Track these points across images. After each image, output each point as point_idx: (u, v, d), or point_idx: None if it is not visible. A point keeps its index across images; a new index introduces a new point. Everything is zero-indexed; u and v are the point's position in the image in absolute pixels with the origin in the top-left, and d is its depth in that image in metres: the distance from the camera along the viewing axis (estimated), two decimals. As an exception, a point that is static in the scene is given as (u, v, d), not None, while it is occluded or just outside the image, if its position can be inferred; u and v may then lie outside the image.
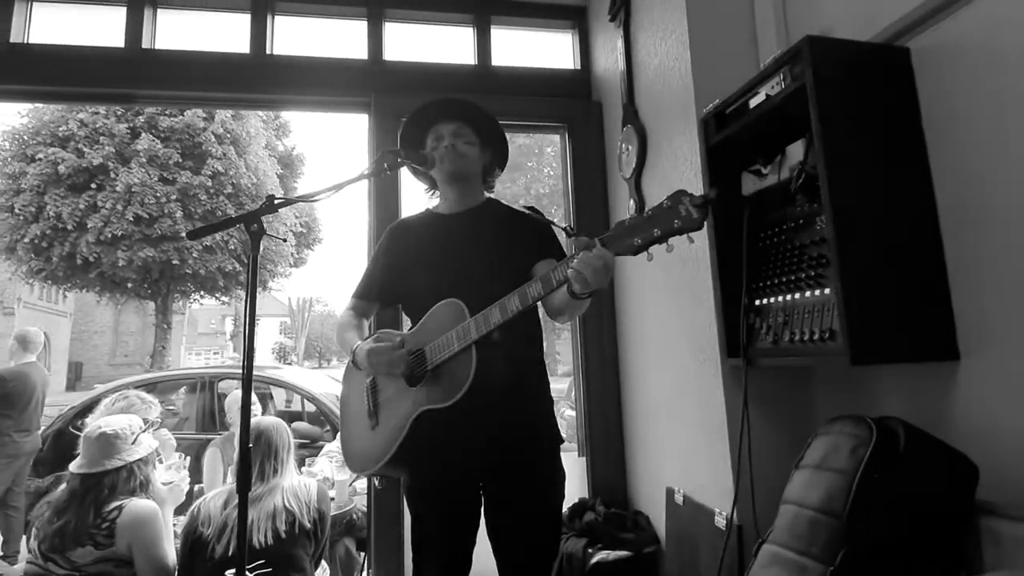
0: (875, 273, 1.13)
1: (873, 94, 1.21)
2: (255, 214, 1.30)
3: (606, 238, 1.10)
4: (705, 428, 1.62)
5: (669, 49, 1.80)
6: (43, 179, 12.67)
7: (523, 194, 16.86)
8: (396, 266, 1.50)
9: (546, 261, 1.43)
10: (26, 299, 19.40)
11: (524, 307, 1.18)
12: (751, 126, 1.39)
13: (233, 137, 13.86)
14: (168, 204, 12.82)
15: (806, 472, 1.14)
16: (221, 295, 15.51)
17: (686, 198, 1.01)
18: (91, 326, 24.42)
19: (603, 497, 2.18)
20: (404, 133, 1.53)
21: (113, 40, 2.33)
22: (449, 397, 1.21)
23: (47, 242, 12.95)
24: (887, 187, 1.17)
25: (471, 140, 1.48)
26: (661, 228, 1.02)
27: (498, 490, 1.37)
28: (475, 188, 1.53)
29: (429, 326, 1.34)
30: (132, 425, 1.88)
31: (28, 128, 13.07)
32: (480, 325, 1.22)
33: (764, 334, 1.38)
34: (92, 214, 12.72)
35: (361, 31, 2.49)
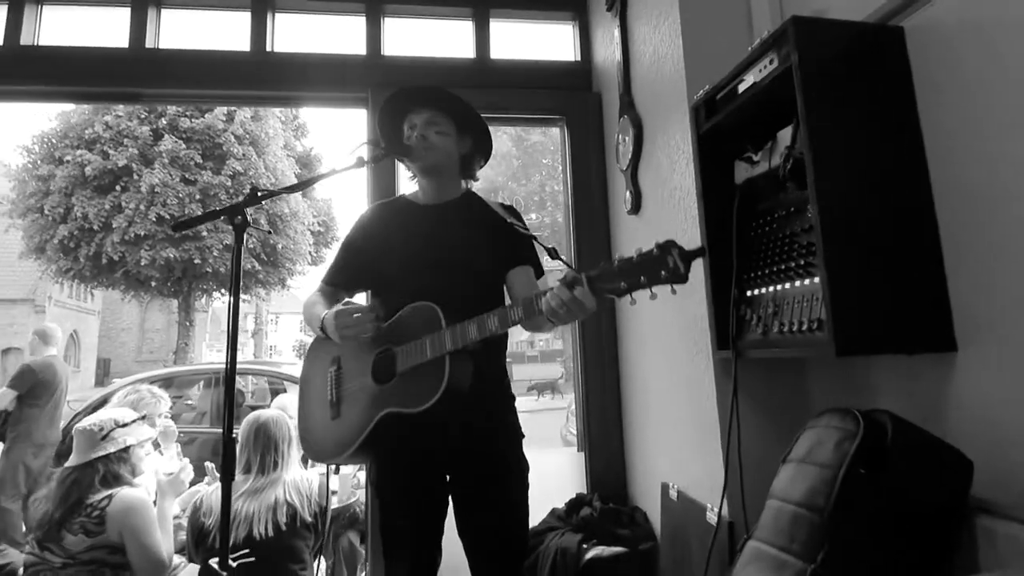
0: (863, 260, 1.09)
1: (863, 76, 1.16)
2: (238, 206, 1.30)
3: (593, 276, 1.09)
4: (698, 422, 1.59)
5: (662, 37, 1.77)
6: (71, 181, 13.05)
7: (538, 191, 16.82)
8: (367, 254, 1.48)
9: (522, 269, 1.43)
10: (56, 297, 20.01)
11: (503, 328, 1.20)
12: (741, 112, 1.36)
13: (252, 138, 14.09)
14: (190, 204, 13.10)
15: (791, 466, 1.10)
16: (241, 293, 15.78)
17: (675, 250, 1.01)
18: (118, 323, 25.10)
19: (601, 492, 2.15)
20: (381, 123, 1.51)
21: (118, 40, 2.37)
22: (418, 404, 1.21)
23: (75, 242, 13.33)
24: (878, 171, 1.13)
25: (444, 130, 1.44)
26: (647, 276, 1.03)
27: (463, 483, 1.38)
28: (452, 180, 1.50)
29: (401, 327, 1.33)
30: (118, 418, 1.92)
31: (56, 132, 13.47)
32: (456, 338, 1.21)
33: (754, 325, 1.35)
34: (117, 214, 13.06)
35: (360, 26, 2.49)
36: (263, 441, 2.03)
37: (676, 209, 1.71)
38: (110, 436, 1.88)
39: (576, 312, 1.10)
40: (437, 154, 1.43)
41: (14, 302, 19.19)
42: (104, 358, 24.34)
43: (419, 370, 1.26)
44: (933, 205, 1.14)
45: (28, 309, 19.31)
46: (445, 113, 1.46)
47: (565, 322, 1.14)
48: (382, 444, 1.33)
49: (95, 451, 1.83)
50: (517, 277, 1.45)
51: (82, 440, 1.85)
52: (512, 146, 18.62)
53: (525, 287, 1.43)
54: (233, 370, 1.24)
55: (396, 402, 1.27)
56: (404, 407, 1.25)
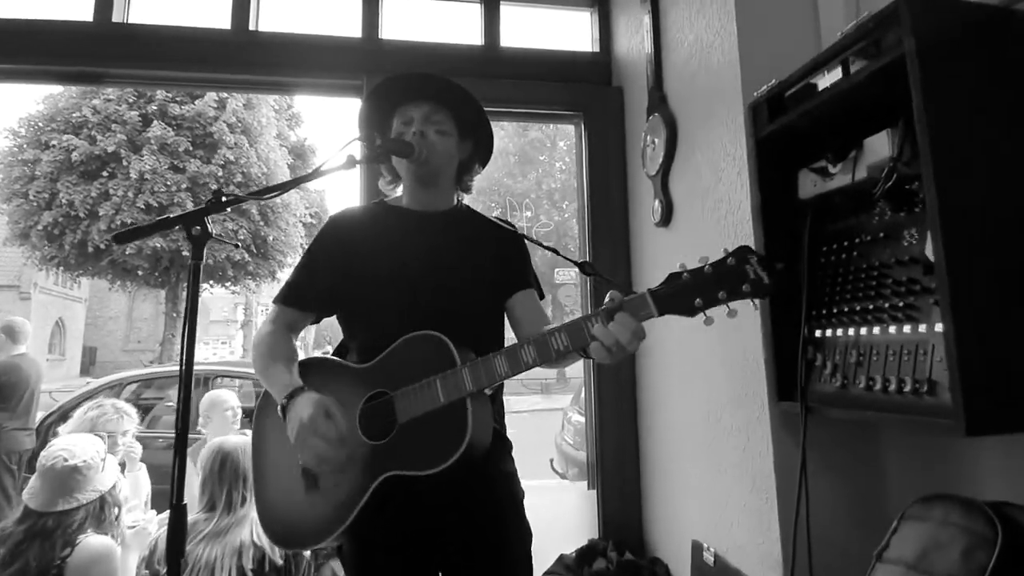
0: (1000, 309, 0.84)
1: (990, 70, 0.92)
2: (198, 214, 1.04)
3: (659, 293, 0.87)
4: (746, 479, 1.35)
5: (709, 22, 1.52)
6: (56, 166, 12.67)
7: (534, 189, 16.54)
8: (341, 269, 1.17)
9: (525, 293, 1.19)
10: (42, 284, 19.53)
11: (541, 363, 0.95)
12: (818, 112, 1.11)
13: (244, 126, 13.73)
14: (178, 193, 12.74)
15: (896, 570, 0.86)
16: (231, 284, 15.45)
17: (753, 257, 0.84)
18: (105, 312, 24.62)
19: (615, 538, 1.92)
20: (367, 114, 1.24)
21: (81, 13, 2.10)
22: (433, 464, 0.95)
23: (59, 229, 12.95)
24: (1015, 190, 0.88)
25: (446, 129, 1.18)
26: (727, 290, 0.84)
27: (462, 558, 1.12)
28: (447, 189, 1.24)
29: (396, 364, 1.06)
30: (99, 450, 1.65)
31: (43, 115, 13.06)
32: (480, 376, 0.96)
33: (828, 375, 1.11)
34: (104, 202, 12.69)
35: (356, 6, 2.23)
36: (229, 474, 1.76)
37: (720, 225, 1.46)
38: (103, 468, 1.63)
39: (630, 339, 0.87)
40: (438, 157, 1.16)
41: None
42: (90, 347, 23.86)
43: (429, 420, 1.00)
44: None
45: (13, 296, 18.85)
46: (447, 108, 1.19)
47: (612, 360, 0.90)
48: (372, 518, 1.05)
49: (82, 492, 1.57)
50: (522, 303, 1.20)
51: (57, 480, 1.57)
52: (508, 141, 18.35)
53: (530, 314, 1.20)
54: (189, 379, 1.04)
55: (400, 463, 1.00)
56: (414, 469, 0.98)
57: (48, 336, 20.34)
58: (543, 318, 1.20)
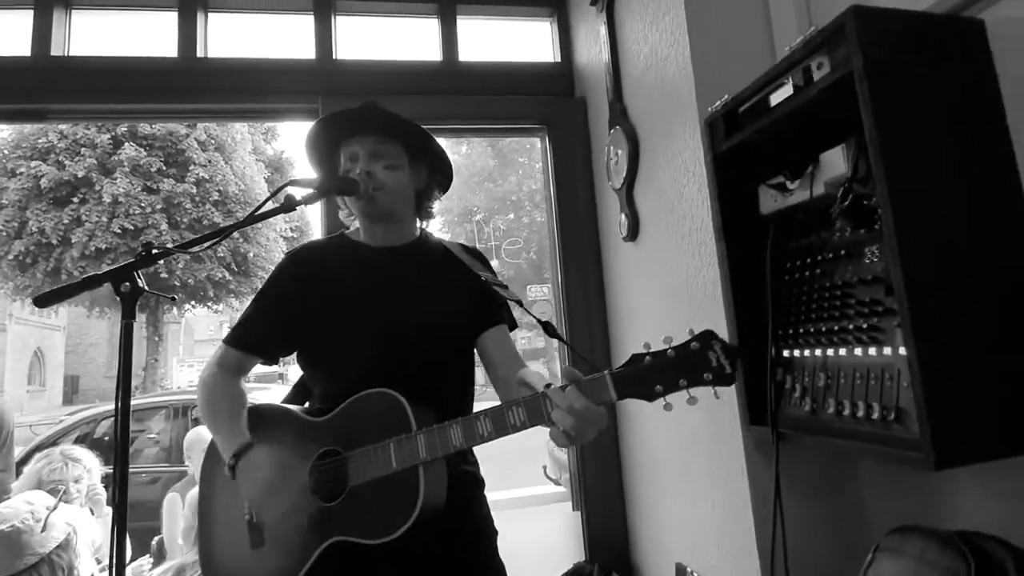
0: (963, 331, 0.81)
1: (941, 83, 0.89)
2: (127, 269, 0.98)
3: (619, 376, 0.84)
4: (724, 503, 1.31)
5: (662, 35, 1.48)
6: (24, 194, 12.41)
7: (515, 191, 16.52)
8: (294, 308, 1.11)
9: (498, 329, 1.15)
10: (17, 315, 19.07)
11: (497, 437, 0.91)
12: (773, 129, 1.07)
13: (218, 143, 13.55)
14: (153, 215, 12.52)
15: (872, 609, 0.83)
16: (212, 304, 15.21)
17: (717, 344, 0.81)
18: (86, 339, 24.13)
19: (601, 560, 1.87)
20: (310, 151, 1.18)
21: (19, 48, 2.01)
22: (382, 533, 0.91)
23: (31, 258, 12.68)
24: (972, 208, 0.86)
25: (395, 162, 1.13)
26: (688, 378, 0.82)
27: None
28: (406, 221, 1.19)
29: (350, 421, 1.01)
30: (35, 509, 1.57)
31: (8, 141, 12.77)
32: (435, 446, 0.92)
33: (797, 398, 1.07)
34: (76, 228, 12.44)
35: (308, 26, 2.16)
36: None
37: (684, 242, 1.42)
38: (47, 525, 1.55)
39: (588, 427, 0.84)
40: (388, 195, 1.11)
41: (-29, 321, 18.25)
42: (72, 375, 23.37)
43: (380, 485, 0.96)
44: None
45: (-13, 328, 18.38)
46: (393, 139, 1.14)
47: (571, 444, 0.86)
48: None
49: (31, 552, 1.49)
50: (494, 339, 1.16)
51: (7, 545, 1.49)
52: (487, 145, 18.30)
53: (502, 353, 1.15)
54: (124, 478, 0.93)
55: (349, 528, 0.96)
56: (360, 536, 0.94)
57: (27, 367, 19.89)
58: (515, 358, 1.16)
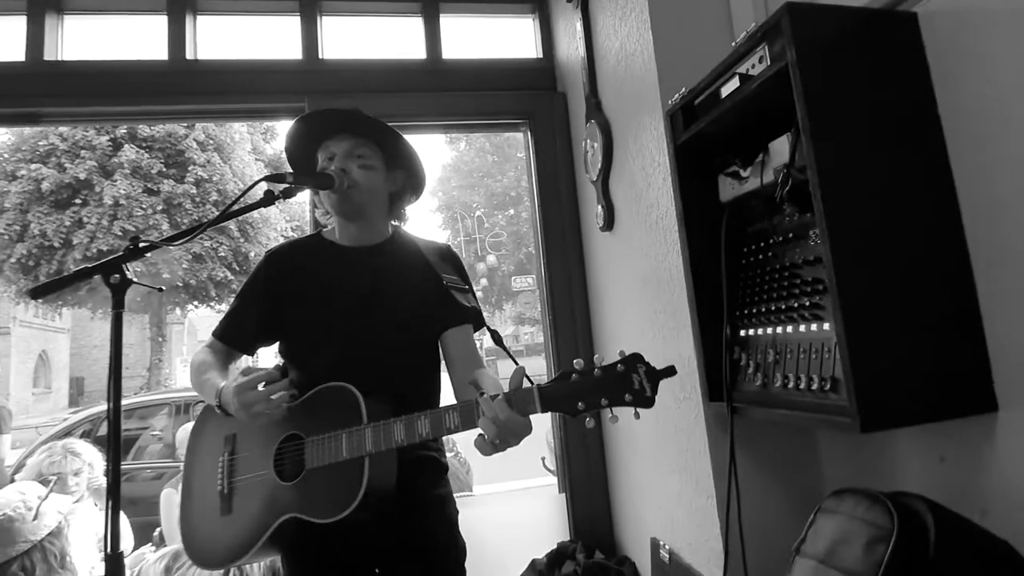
0: (887, 305, 0.87)
1: (873, 74, 0.95)
2: (115, 262, 1.05)
3: (546, 391, 0.92)
4: (689, 478, 1.38)
5: (630, 30, 1.54)
6: (26, 197, 12.47)
7: (514, 186, 16.57)
8: (274, 305, 1.19)
9: (459, 330, 1.21)
10: (21, 318, 19.22)
11: (436, 436, 1.00)
12: (725, 119, 1.13)
13: (217, 143, 13.59)
14: (154, 216, 12.60)
15: (809, 564, 0.89)
16: (215, 303, 15.32)
17: (641, 367, 0.88)
18: (90, 340, 24.26)
19: (586, 540, 1.94)
20: (290, 149, 1.25)
21: (13, 54, 2.07)
22: (327, 513, 0.99)
23: (34, 260, 12.76)
24: (898, 192, 0.91)
25: (370, 163, 1.18)
26: (609, 398, 0.89)
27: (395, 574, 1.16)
28: (379, 221, 1.25)
29: (312, 410, 1.09)
30: (27, 499, 1.64)
31: (8, 145, 12.83)
32: (379, 440, 1.00)
33: (751, 373, 1.13)
34: (78, 230, 12.51)
35: (294, 27, 2.22)
36: None
37: (653, 230, 1.48)
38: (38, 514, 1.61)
39: (509, 437, 0.93)
40: (360, 193, 1.17)
41: (-25, 325, 18.41)
42: (77, 377, 23.52)
43: (332, 470, 1.03)
44: (963, 228, 0.93)
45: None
46: (371, 142, 1.20)
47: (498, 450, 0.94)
48: (289, 547, 1.11)
49: (22, 539, 1.57)
50: (454, 339, 1.22)
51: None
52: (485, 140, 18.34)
53: (462, 352, 1.22)
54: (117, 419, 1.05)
55: (301, 506, 1.04)
56: (310, 515, 1.02)
57: (32, 370, 20.03)
58: (474, 358, 1.22)
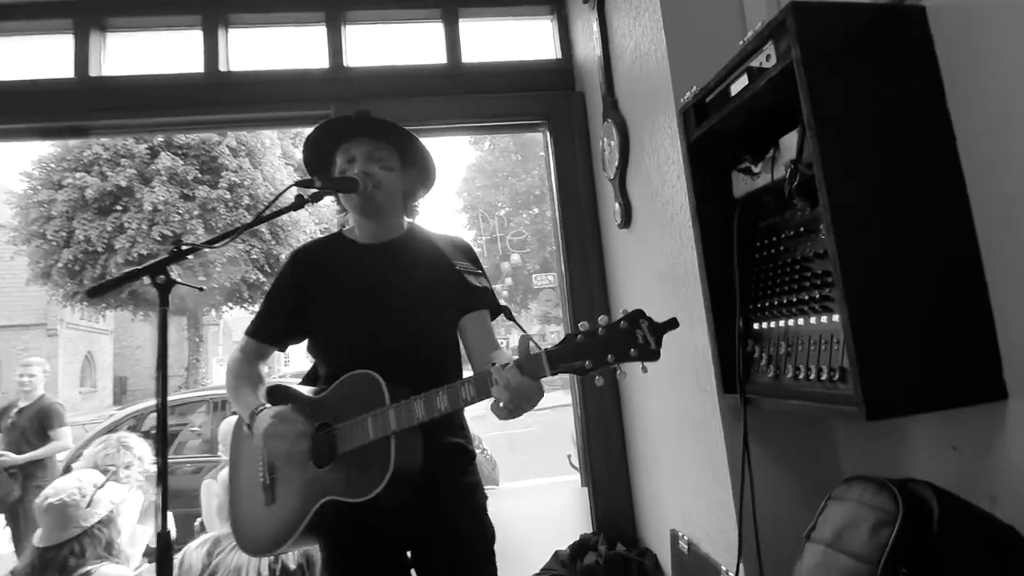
0: (893, 296, 0.89)
1: (880, 70, 0.96)
2: (161, 264, 1.13)
3: (553, 353, 0.97)
4: (706, 470, 1.41)
5: (644, 30, 1.56)
6: (71, 204, 13.04)
7: (538, 185, 16.58)
8: (300, 302, 1.27)
9: (477, 314, 1.25)
10: (68, 320, 20.11)
11: (453, 408, 1.05)
12: (735, 117, 1.16)
13: (248, 149, 13.98)
14: (190, 221, 13.05)
15: (818, 549, 0.91)
16: (248, 304, 15.77)
17: (644, 322, 0.91)
18: (132, 341, 25.25)
19: (608, 533, 1.98)
20: (308, 153, 1.31)
21: (62, 71, 2.21)
22: (362, 493, 1.05)
23: (79, 265, 13.33)
24: (905, 185, 0.93)
25: (389, 164, 1.26)
26: (615, 354, 0.92)
27: (426, 563, 1.22)
28: (395, 218, 1.32)
29: (340, 398, 1.16)
30: (83, 486, 1.76)
31: (54, 155, 13.45)
32: (401, 418, 1.06)
33: (764, 365, 1.15)
34: (119, 235, 13.03)
35: (321, 37, 2.31)
36: None
37: (669, 226, 1.51)
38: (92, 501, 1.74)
39: (523, 403, 0.97)
40: (384, 194, 1.24)
41: (27, 327, 19.34)
42: (121, 376, 24.52)
43: (362, 452, 1.10)
44: (972, 222, 0.94)
45: (41, 333, 19.44)
46: (389, 144, 1.27)
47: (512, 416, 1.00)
48: (328, 531, 1.18)
49: (74, 525, 1.69)
50: (471, 325, 1.28)
51: (56, 516, 1.69)
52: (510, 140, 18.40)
53: (479, 337, 1.27)
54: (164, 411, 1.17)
55: (337, 489, 1.11)
56: (346, 496, 1.09)
57: (79, 370, 20.96)
58: (491, 343, 1.28)
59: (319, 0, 2.29)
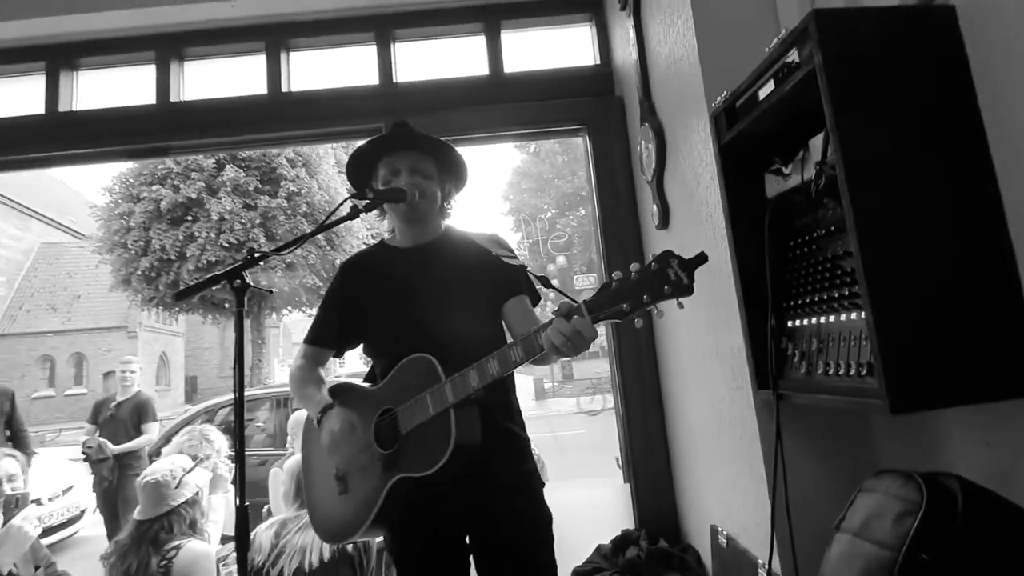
0: (918, 292, 0.91)
1: (907, 72, 0.98)
2: (236, 270, 1.27)
3: (591, 303, 1.03)
4: (744, 466, 1.43)
5: (677, 36, 1.61)
6: (148, 216, 14.04)
7: (585, 186, 16.52)
8: (352, 308, 1.39)
9: (517, 299, 1.34)
10: (146, 323, 21.66)
11: (505, 372, 1.12)
12: (763, 120, 1.19)
13: (304, 159, 14.66)
14: (252, 229, 13.80)
15: (845, 538, 0.94)
16: (306, 308, 16.50)
17: (674, 260, 0.95)
18: (201, 343, 26.88)
19: (650, 528, 2.02)
20: (352, 166, 1.42)
21: (146, 98, 2.46)
22: (428, 465, 1.14)
23: (155, 272, 14.34)
24: (931, 183, 0.94)
25: (430, 173, 1.36)
26: (650, 294, 0.96)
27: (485, 543, 1.30)
28: (434, 221, 1.42)
29: (398, 383, 1.26)
30: (174, 469, 1.96)
31: (132, 171, 14.54)
32: (458, 389, 1.14)
33: (797, 362, 1.18)
34: (190, 244, 13.94)
35: (371, 55, 2.46)
36: None
37: (704, 226, 1.55)
38: (181, 483, 1.95)
39: (579, 344, 1.02)
40: (427, 201, 1.35)
41: (109, 330, 20.97)
42: (191, 376, 26.17)
43: (424, 429, 1.19)
44: (1004, 218, 0.94)
45: (122, 335, 21.03)
46: (428, 155, 1.38)
47: (570, 355, 1.06)
48: (397, 512, 1.27)
49: (165, 503, 1.90)
50: (513, 309, 1.37)
51: (151, 493, 1.91)
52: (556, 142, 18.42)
53: (521, 319, 1.35)
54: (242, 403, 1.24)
55: (405, 466, 1.20)
56: (414, 471, 1.18)
57: (155, 369, 22.51)
58: (533, 323, 1.35)
59: (369, 21, 2.44)
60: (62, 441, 14.23)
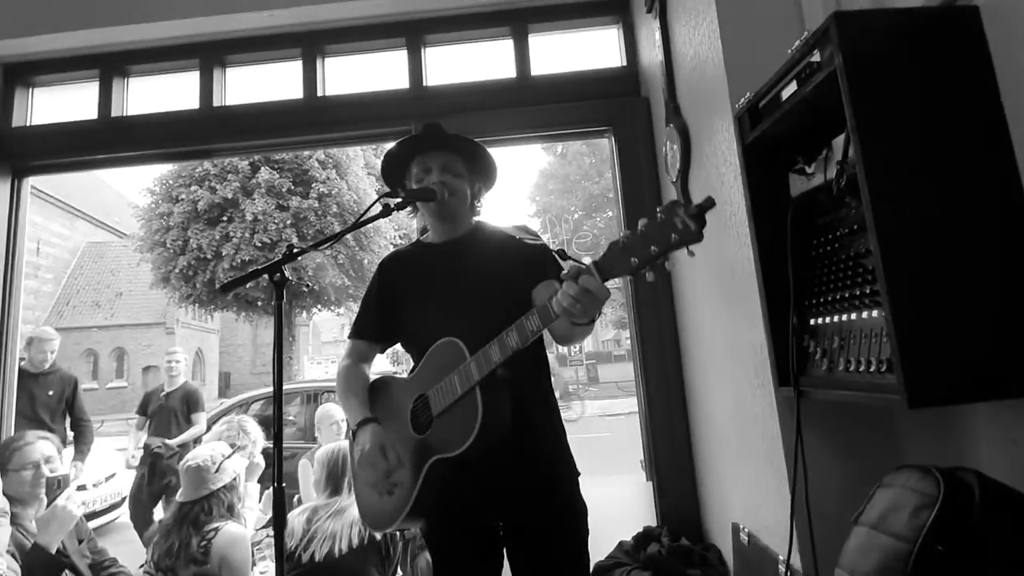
0: (937, 290, 0.92)
1: (928, 72, 0.98)
2: (276, 265, 1.34)
3: (601, 261, 1.03)
4: (765, 463, 1.44)
5: (702, 38, 1.63)
6: (186, 216, 14.55)
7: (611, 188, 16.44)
8: (389, 303, 1.46)
9: (546, 284, 1.36)
10: (183, 320, 22.43)
11: (524, 342, 1.14)
12: (786, 120, 1.20)
13: (335, 161, 14.98)
14: (285, 229, 14.17)
15: (863, 532, 0.96)
16: (335, 307, 16.83)
17: (680, 208, 0.94)
18: (235, 340, 27.66)
19: (672, 526, 2.03)
20: (386, 165, 1.49)
21: (190, 103, 2.59)
22: (459, 445, 1.18)
23: (192, 271, 14.84)
24: (951, 182, 0.95)
25: (460, 172, 1.42)
26: (658, 245, 0.95)
27: (518, 532, 1.33)
28: (464, 217, 1.47)
29: (429, 368, 1.31)
30: (214, 455, 2.07)
31: (172, 172, 15.09)
32: (481, 365, 1.18)
33: (818, 360, 1.19)
34: (225, 243, 14.39)
35: (402, 60, 2.54)
36: (342, 466, 2.19)
37: (727, 226, 1.56)
38: (220, 469, 2.05)
39: (588, 304, 1.03)
40: (457, 199, 1.41)
41: (149, 326, 21.78)
42: (225, 372, 26.97)
43: (454, 410, 1.23)
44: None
45: (161, 331, 21.82)
46: (458, 154, 1.43)
47: (585, 318, 1.07)
48: (435, 496, 1.30)
49: (205, 487, 2.00)
50: (541, 292, 1.39)
51: (193, 477, 2.02)
52: (583, 143, 18.38)
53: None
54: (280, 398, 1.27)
55: (437, 447, 1.24)
56: (446, 451, 1.22)
57: (191, 365, 23.29)
58: None
59: (401, 27, 2.52)
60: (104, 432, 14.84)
